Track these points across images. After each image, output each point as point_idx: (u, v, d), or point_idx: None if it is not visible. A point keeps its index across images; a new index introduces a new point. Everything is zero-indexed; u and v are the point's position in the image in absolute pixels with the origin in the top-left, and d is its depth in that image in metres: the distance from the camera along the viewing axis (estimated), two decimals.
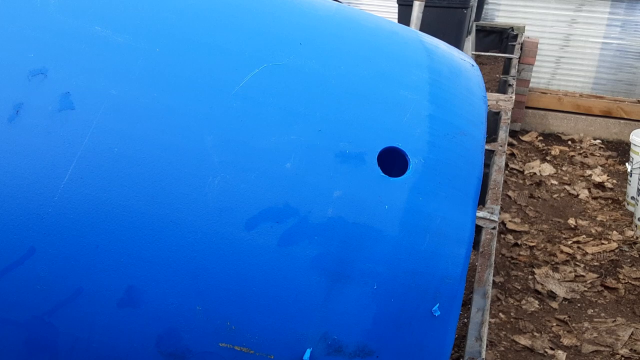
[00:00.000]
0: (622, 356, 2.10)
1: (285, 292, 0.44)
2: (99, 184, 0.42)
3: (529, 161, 3.89)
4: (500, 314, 2.31)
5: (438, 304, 0.46)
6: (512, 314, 2.32)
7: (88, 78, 0.45)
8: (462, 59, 0.61)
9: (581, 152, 4.10)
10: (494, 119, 2.50)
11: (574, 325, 2.27)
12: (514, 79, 3.13)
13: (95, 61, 0.46)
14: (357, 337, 0.45)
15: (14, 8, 0.46)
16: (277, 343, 0.45)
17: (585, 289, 2.51)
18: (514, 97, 2.63)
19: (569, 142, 4.29)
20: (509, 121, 2.42)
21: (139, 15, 0.49)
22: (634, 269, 2.65)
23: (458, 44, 3.09)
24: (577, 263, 2.70)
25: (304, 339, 0.45)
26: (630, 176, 3.16)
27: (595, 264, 2.71)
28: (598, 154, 4.07)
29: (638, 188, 3.00)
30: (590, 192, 3.48)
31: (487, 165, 1.97)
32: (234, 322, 0.44)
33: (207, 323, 0.42)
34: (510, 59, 3.56)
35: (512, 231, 2.97)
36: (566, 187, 3.54)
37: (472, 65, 0.62)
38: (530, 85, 4.44)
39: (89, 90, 0.45)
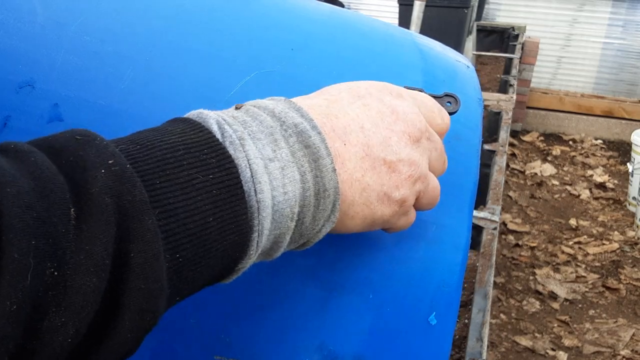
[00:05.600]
0: (624, 357, 2.10)
1: (279, 303, 0.44)
2: None
3: (530, 161, 3.89)
4: (501, 314, 2.31)
5: (434, 313, 0.46)
6: (513, 314, 2.32)
7: (77, 89, 0.45)
8: (457, 61, 0.61)
9: (582, 152, 4.10)
10: (494, 119, 2.50)
11: (575, 326, 2.27)
12: (515, 79, 3.12)
13: (84, 72, 0.46)
14: (353, 347, 0.45)
15: (0, 19, 0.45)
16: (272, 354, 0.44)
17: (587, 289, 2.50)
18: (514, 97, 2.62)
19: (570, 142, 4.28)
20: (510, 121, 2.41)
21: (128, 23, 0.48)
22: (636, 269, 2.65)
23: (459, 43, 3.09)
24: (579, 264, 2.70)
25: (299, 349, 0.44)
26: (632, 176, 3.15)
27: (597, 264, 2.70)
28: (599, 154, 4.06)
29: (639, 188, 2.99)
30: (591, 192, 3.47)
31: (488, 165, 1.96)
32: (228, 334, 0.44)
33: (201, 336, 0.41)
34: (511, 59, 3.56)
35: (513, 232, 2.97)
36: (567, 187, 3.53)
37: (468, 67, 0.62)
38: (531, 85, 4.43)
39: (78, 102, 0.44)
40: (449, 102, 0.47)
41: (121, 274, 0.27)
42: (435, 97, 0.46)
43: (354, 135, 0.37)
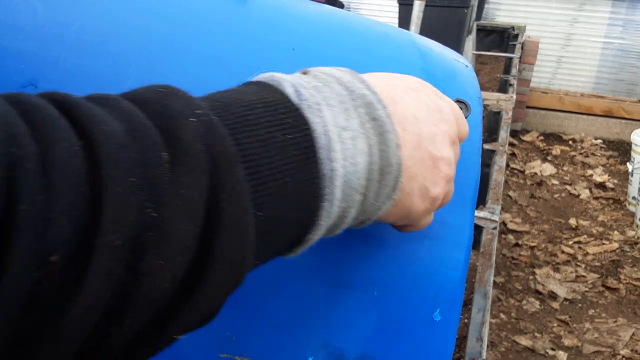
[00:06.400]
0: (623, 356, 2.10)
1: (285, 301, 0.44)
2: None
3: (530, 161, 3.89)
4: (501, 314, 2.31)
5: (438, 309, 0.46)
6: (512, 314, 2.32)
7: (79, 89, 0.45)
8: (455, 60, 0.61)
9: (582, 152, 4.10)
10: (494, 118, 2.50)
11: (575, 325, 2.27)
12: (514, 78, 3.13)
13: (86, 71, 0.46)
14: (358, 344, 0.45)
15: (1, 19, 0.46)
16: (277, 352, 0.45)
17: (586, 289, 2.51)
18: (514, 96, 2.62)
19: (570, 142, 4.29)
20: (510, 121, 2.41)
21: (130, 23, 0.48)
22: (635, 269, 2.65)
23: (459, 43, 3.09)
24: (578, 263, 2.70)
25: (304, 347, 0.44)
26: (632, 176, 3.15)
27: (597, 264, 2.70)
28: (599, 154, 4.07)
29: (639, 188, 2.99)
30: (591, 192, 3.47)
31: (488, 165, 1.96)
32: (234, 332, 0.44)
33: (208, 334, 0.42)
34: (511, 59, 3.56)
35: (513, 231, 2.97)
36: (567, 187, 3.53)
37: (466, 66, 0.62)
38: (531, 84, 4.43)
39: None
40: (460, 107, 0.47)
41: (212, 224, 0.26)
42: None
43: (410, 124, 0.36)
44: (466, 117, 0.47)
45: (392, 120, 0.35)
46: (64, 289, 0.22)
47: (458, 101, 0.47)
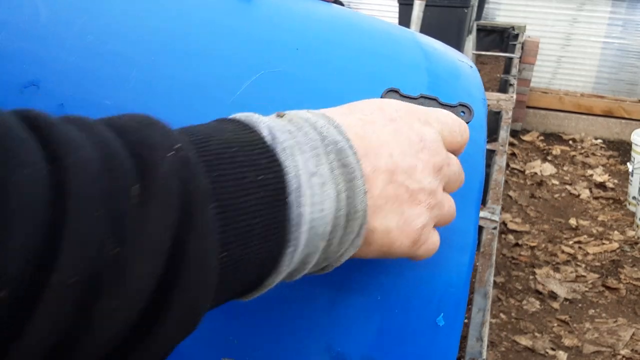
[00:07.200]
0: (624, 356, 2.10)
1: (288, 304, 0.44)
2: None
3: (530, 161, 3.89)
4: (501, 314, 2.31)
5: (442, 313, 0.46)
6: (513, 314, 2.32)
7: (82, 89, 0.45)
8: (460, 60, 0.60)
9: (582, 151, 4.10)
10: (494, 118, 2.49)
11: (575, 325, 2.27)
12: (515, 78, 3.12)
13: (89, 72, 0.46)
14: (361, 348, 0.44)
15: (3, 19, 0.45)
16: (280, 356, 0.44)
17: (587, 289, 2.51)
18: (514, 96, 2.62)
19: (570, 142, 4.28)
20: (510, 121, 2.41)
21: (132, 23, 0.48)
22: (635, 269, 2.65)
23: (459, 43, 3.08)
24: (578, 263, 2.70)
25: (307, 351, 0.44)
26: (632, 176, 3.15)
27: (597, 264, 2.70)
28: (599, 154, 4.06)
29: (639, 188, 2.99)
30: (591, 192, 3.47)
31: (488, 165, 1.96)
32: (236, 336, 0.43)
33: (210, 339, 0.41)
34: (511, 59, 3.55)
35: (513, 231, 2.97)
36: (567, 187, 3.53)
37: (471, 67, 0.61)
38: (531, 84, 4.43)
39: (83, 102, 0.44)
40: (462, 111, 0.47)
41: (174, 263, 0.25)
42: (449, 106, 0.46)
43: (383, 161, 0.36)
44: (469, 122, 0.46)
45: (362, 166, 0.35)
46: (8, 328, 0.21)
47: (461, 105, 0.47)
